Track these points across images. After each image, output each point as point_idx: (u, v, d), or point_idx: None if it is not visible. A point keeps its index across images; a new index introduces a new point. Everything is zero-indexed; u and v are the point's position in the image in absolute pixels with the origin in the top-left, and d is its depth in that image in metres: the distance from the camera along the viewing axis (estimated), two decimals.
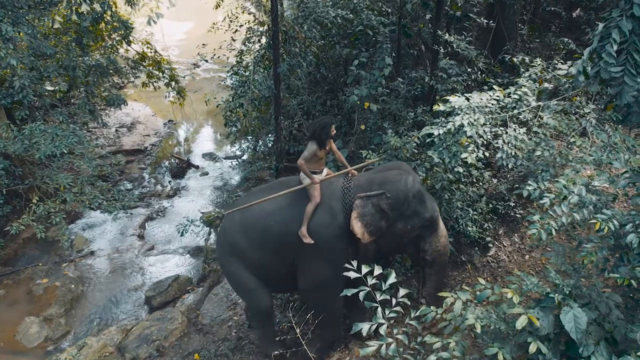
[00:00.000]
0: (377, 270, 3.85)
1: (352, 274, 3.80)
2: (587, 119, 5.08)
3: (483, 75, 9.64)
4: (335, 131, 6.10)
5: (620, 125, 4.69)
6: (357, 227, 5.70)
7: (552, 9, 13.47)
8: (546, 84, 6.69)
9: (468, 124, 4.55)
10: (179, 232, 8.87)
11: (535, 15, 13.05)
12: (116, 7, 12.59)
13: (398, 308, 3.75)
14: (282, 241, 6.08)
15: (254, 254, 6.23)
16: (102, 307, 8.94)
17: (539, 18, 13.21)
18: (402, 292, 3.87)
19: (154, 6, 11.79)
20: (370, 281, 3.79)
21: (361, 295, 3.71)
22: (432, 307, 4.02)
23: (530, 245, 7.92)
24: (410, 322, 3.85)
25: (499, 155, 4.72)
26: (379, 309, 3.77)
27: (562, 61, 7.99)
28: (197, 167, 13.66)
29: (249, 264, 6.32)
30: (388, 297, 3.76)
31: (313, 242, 5.85)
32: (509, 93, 5.11)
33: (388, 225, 5.83)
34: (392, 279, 3.86)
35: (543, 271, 7.67)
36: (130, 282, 9.56)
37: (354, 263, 3.86)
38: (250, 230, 6.19)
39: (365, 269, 3.85)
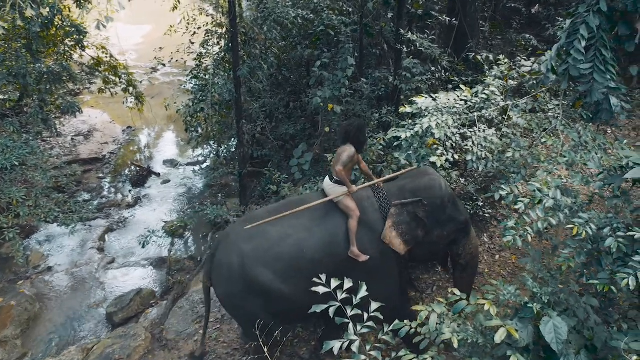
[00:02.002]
0: (348, 284, 3.65)
1: (322, 289, 3.58)
2: (557, 117, 4.96)
3: (447, 74, 9.56)
4: None
5: (590, 124, 4.57)
6: (391, 236, 5.41)
7: (513, 5, 13.54)
8: (511, 81, 6.59)
9: (436, 125, 4.38)
10: (140, 243, 8.61)
11: (496, 12, 13.10)
12: (69, 11, 12.14)
13: (370, 323, 3.56)
14: (320, 268, 5.28)
15: (281, 288, 5.47)
16: (61, 326, 8.52)
17: (500, 15, 13.27)
18: (374, 306, 3.68)
19: (105, 9, 11.39)
20: (341, 295, 3.59)
21: (331, 311, 3.50)
22: (405, 321, 3.82)
23: (500, 245, 7.84)
24: (384, 337, 3.66)
25: (469, 157, 4.56)
26: (351, 325, 3.57)
27: (525, 58, 7.93)
28: (158, 174, 13.27)
29: (272, 300, 5.54)
30: (360, 312, 3.57)
31: (368, 257, 5.42)
32: (476, 92, 4.97)
33: (425, 234, 5.56)
34: (363, 292, 3.67)
35: (514, 271, 7.61)
36: (91, 298, 9.15)
37: (324, 277, 3.63)
38: (274, 263, 5.46)
39: (334, 283, 3.64)
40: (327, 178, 5.70)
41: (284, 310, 5.68)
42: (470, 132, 4.62)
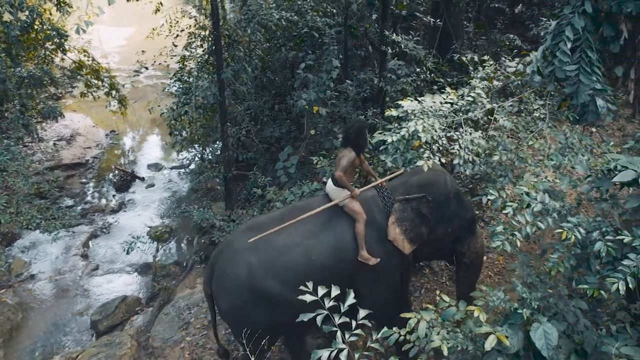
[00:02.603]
0: (335, 291, 3.59)
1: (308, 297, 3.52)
2: (543, 118, 4.94)
3: (432, 75, 9.53)
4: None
5: (577, 125, 4.55)
6: (395, 233, 5.30)
7: (496, 5, 13.57)
8: (496, 82, 6.58)
9: (422, 129, 4.33)
10: (124, 250, 8.48)
11: (480, 13, 13.13)
12: (50, 14, 11.97)
13: (359, 331, 3.50)
14: (329, 274, 5.25)
15: (289, 298, 5.07)
16: (45, 335, 8.37)
17: (484, 15, 13.30)
18: (362, 313, 3.62)
19: (85, 13, 11.23)
20: (328, 303, 3.53)
21: (318, 320, 3.44)
22: (394, 329, 3.76)
23: (487, 247, 7.81)
24: (373, 344, 3.60)
25: (455, 161, 4.51)
26: (339, 333, 3.51)
27: (509, 58, 7.92)
28: (142, 178, 13.11)
29: (279, 311, 5.33)
30: (347, 319, 3.51)
31: (378, 260, 5.30)
32: (462, 95, 4.93)
33: (429, 231, 5.44)
34: (350, 299, 3.61)
35: (501, 272, 7.60)
36: (75, 306, 9.00)
37: (310, 285, 3.57)
38: (283, 272, 5.28)
39: (321, 291, 3.58)
40: (329, 181, 5.56)
41: (290, 320, 5.56)
42: (457, 134, 4.57)
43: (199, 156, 11.71)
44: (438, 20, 10.20)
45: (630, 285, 3.32)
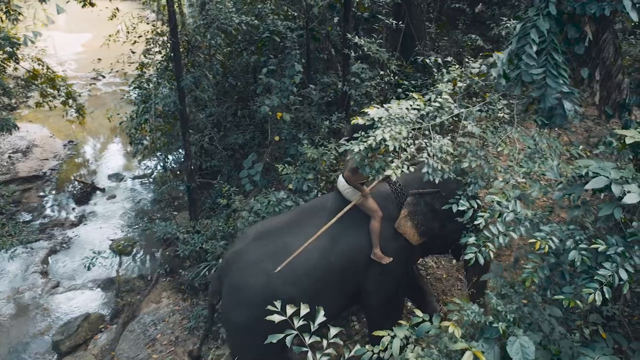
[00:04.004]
0: (304, 310, 3.44)
1: (276, 317, 3.36)
2: (510, 122, 4.86)
3: (396, 78, 9.46)
4: None
5: (545, 129, 4.49)
6: (407, 227, 5.22)
7: (457, 5, 13.60)
8: (460, 83, 6.51)
9: (390, 137, 4.20)
10: (85, 266, 8.18)
11: (441, 13, 13.12)
12: (1, 21, 11.52)
13: (330, 350, 3.37)
14: (347, 275, 5.31)
15: (310, 304, 5.17)
16: (4, 357, 8.00)
17: (445, 15, 13.30)
18: (333, 331, 3.47)
19: (35, 22, 10.86)
20: (298, 323, 3.38)
21: (288, 340, 3.28)
22: (367, 346, 3.63)
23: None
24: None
25: (424, 169, 4.41)
26: (310, 354, 3.37)
27: (472, 59, 7.88)
28: (103, 190, 12.73)
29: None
30: (318, 338, 3.37)
31: (391, 259, 5.26)
32: (429, 100, 4.83)
33: (440, 226, 5.39)
34: (320, 317, 3.47)
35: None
36: (35, 326, 8.62)
37: (278, 304, 3.41)
38: (305, 278, 5.16)
39: (290, 310, 3.44)
40: (340, 177, 5.43)
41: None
42: (425, 142, 4.47)
43: (161, 165, 11.42)
44: (400, 22, 10.14)
45: (607, 296, 3.24)
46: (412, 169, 4.41)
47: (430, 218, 5.37)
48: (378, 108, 4.49)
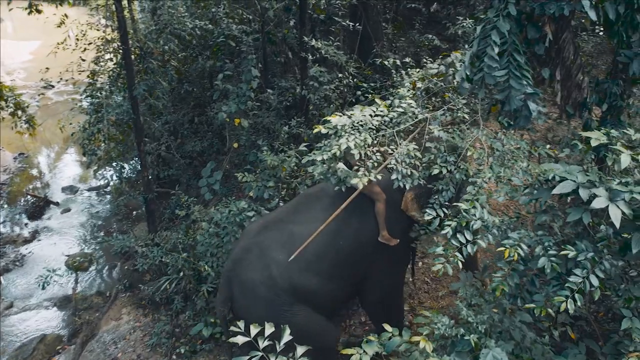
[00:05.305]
0: (269, 329, 3.27)
1: (240, 339, 3.18)
2: (473, 123, 4.80)
3: (355, 80, 9.36)
4: None
5: (512, 131, 4.43)
6: (414, 208, 5.18)
7: (413, 5, 13.60)
8: (419, 84, 6.45)
9: (354, 145, 4.08)
10: (39, 285, 7.83)
11: (397, 13, 13.11)
12: None
13: None
14: (356, 258, 5.25)
15: (326, 289, 5.17)
16: None
17: (401, 15, 13.29)
18: (300, 350, 3.33)
19: None
20: (263, 344, 3.22)
21: None
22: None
23: (423, 252, 7.70)
24: None
25: (393, 177, 4.30)
26: None
27: (430, 59, 7.85)
28: (57, 203, 12.30)
29: (318, 303, 5.18)
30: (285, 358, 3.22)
31: (398, 241, 5.25)
32: (391, 105, 4.71)
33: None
34: (286, 336, 3.31)
35: (437, 277, 7.47)
36: None
37: (241, 324, 3.23)
38: (317, 262, 5.11)
39: (254, 330, 3.27)
40: (340, 163, 5.23)
41: (329, 307, 5.42)
42: (392, 148, 4.36)
43: (117, 176, 11.08)
44: (357, 23, 10.06)
45: (579, 303, 3.17)
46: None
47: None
48: (340, 116, 4.35)
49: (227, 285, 5.24)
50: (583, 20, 9.06)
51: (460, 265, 3.51)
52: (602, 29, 9.65)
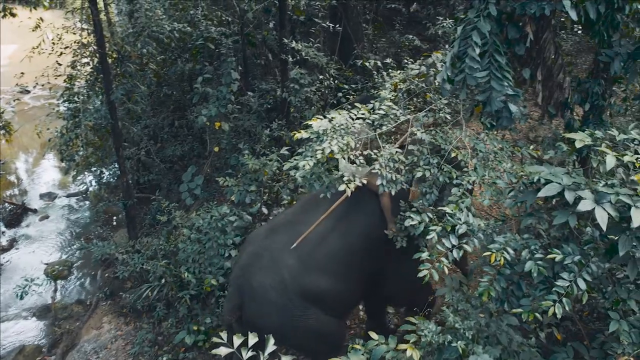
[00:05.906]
0: (253, 340, 3.19)
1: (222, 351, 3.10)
2: (456, 123, 4.77)
3: (336, 82, 9.32)
4: None
5: (494, 131, 4.40)
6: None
7: (393, 6, 13.60)
8: (401, 85, 6.42)
9: (338, 150, 4.02)
10: (17, 295, 7.67)
11: (377, 14, 13.08)
12: None
13: None
14: (368, 254, 5.14)
15: (337, 289, 5.04)
16: None
17: (382, 16, 13.28)
18: None
19: None
20: (246, 355, 3.14)
21: None
22: None
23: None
24: None
25: (378, 182, 4.24)
26: None
27: (411, 60, 7.83)
28: (35, 210, 12.09)
29: (329, 304, 5.06)
30: None
31: None
32: (372, 108, 4.66)
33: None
34: (270, 347, 3.24)
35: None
36: None
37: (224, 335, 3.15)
38: (329, 262, 5.02)
39: (237, 341, 3.18)
40: (342, 160, 5.10)
41: (340, 307, 5.30)
42: (375, 153, 4.31)
43: (96, 181, 10.90)
44: (337, 24, 10.02)
45: (567, 308, 3.13)
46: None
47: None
48: (321, 119, 4.29)
49: (236, 292, 5.10)
50: (563, 20, 9.09)
51: (447, 271, 3.46)
52: (581, 27, 9.70)
